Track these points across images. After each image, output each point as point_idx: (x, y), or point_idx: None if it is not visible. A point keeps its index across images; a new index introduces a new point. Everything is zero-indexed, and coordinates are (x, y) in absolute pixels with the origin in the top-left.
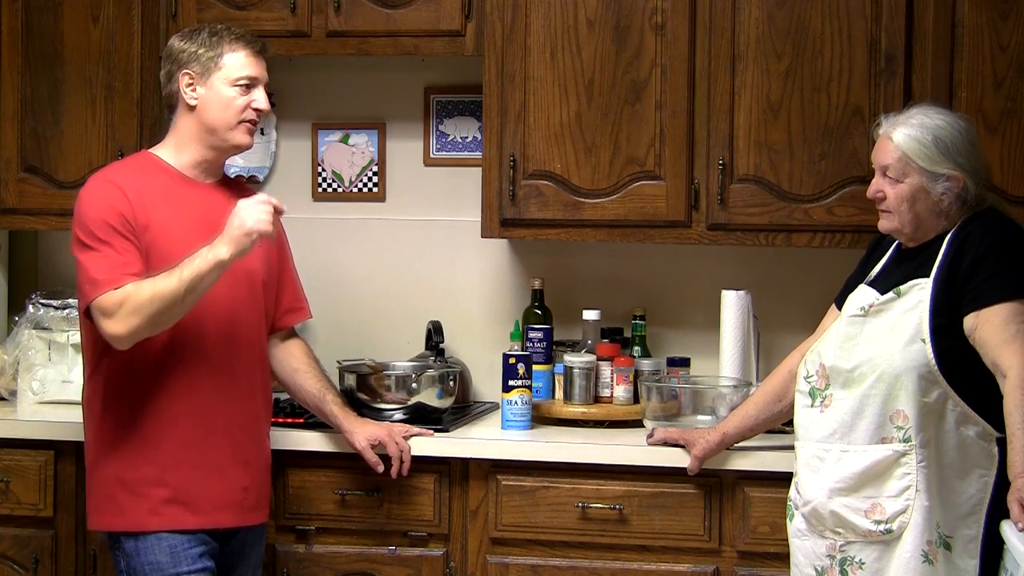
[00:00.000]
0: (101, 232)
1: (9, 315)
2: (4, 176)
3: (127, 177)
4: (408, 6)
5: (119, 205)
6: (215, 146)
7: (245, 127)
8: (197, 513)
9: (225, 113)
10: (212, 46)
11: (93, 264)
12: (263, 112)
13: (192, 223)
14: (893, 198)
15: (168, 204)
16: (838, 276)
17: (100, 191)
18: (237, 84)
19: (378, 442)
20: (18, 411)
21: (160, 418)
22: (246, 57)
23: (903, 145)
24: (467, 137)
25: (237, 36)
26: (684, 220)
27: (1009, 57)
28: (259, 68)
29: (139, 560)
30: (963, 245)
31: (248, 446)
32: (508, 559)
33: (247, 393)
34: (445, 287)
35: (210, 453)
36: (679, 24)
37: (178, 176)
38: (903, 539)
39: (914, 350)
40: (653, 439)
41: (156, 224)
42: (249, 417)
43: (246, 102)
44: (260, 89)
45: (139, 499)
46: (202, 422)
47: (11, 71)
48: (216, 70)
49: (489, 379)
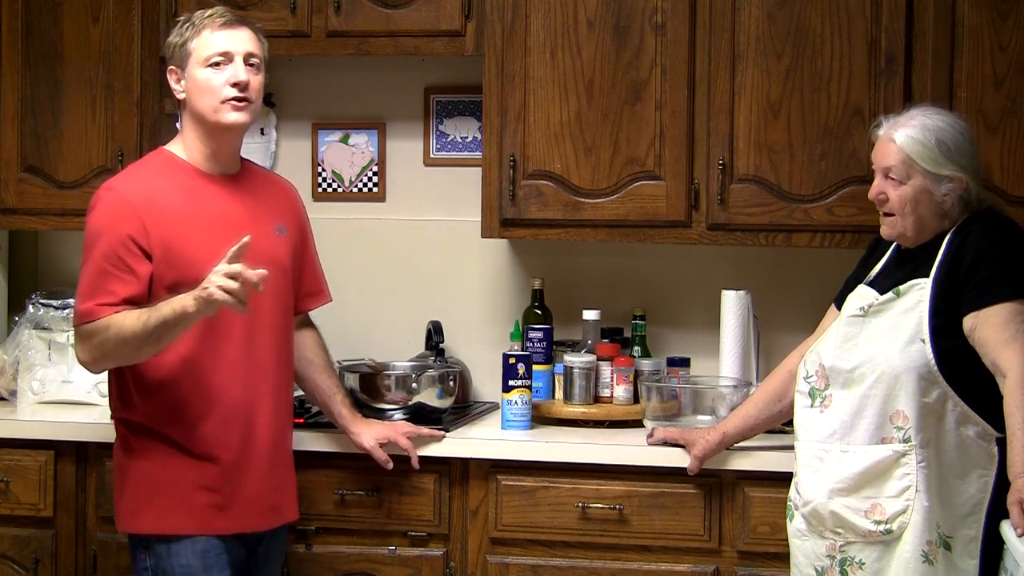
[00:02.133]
0: (99, 252)
1: (9, 315)
2: (4, 176)
3: (141, 183)
4: (408, 6)
5: (126, 226)
6: (211, 133)
7: (229, 105)
8: (232, 517)
9: (206, 97)
10: (183, 33)
11: (82, 286)
12: (242, 83)
13: (210, 221)
14: (896, 200)
15: (185, 203)
16: (838, 276)
17: (110, 208)
18: (209, 64)
19: (386, 440)
20: (18, 411)
21: (195, 419)
22: (211, 34)
23: (906, 147)
24: (467, 137)
25: (205, 16)
26: (684, 220)
27: (1009, 57)
28: (230, 42)
29: (170, 562)
30: (962, 245)
31: (280, 444)
32: (508, 559)
33: (280, 389)
34: (445, 287)
35: (247, 454)
36: (679, 24)
37: (194, 172)
38: (903, 539)
39: (914, 350)
40: (653, 439)
41: (173, 228)
42: (280, 414)
43: (223, 80)
44: (237, 62)
45: (175, 502)
46: (238, 422)
47: (11, 71)
48: (188, 57)
49: (489, 379)
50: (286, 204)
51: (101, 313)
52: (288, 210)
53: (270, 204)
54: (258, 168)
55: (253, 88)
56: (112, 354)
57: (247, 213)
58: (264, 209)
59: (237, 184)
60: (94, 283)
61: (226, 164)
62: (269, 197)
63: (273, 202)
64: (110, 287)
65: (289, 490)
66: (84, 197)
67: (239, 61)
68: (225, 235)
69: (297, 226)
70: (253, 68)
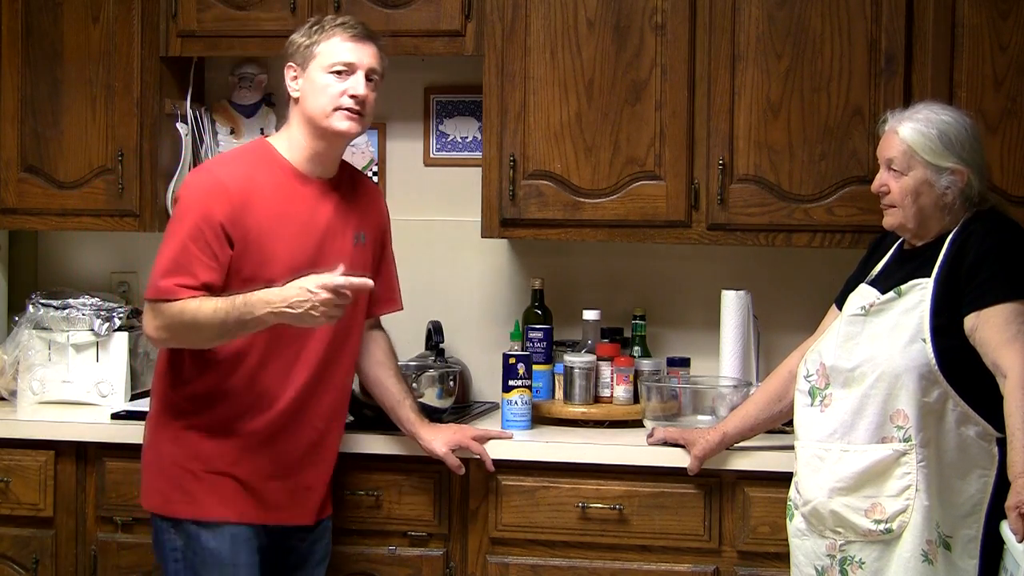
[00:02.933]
0: (189, 231)
1: (9, 315)
2: (4, 176)
3: (239, 171)
4: (408, 6)
5: (217, 209)
6: (318, 136)
7: (342, 114)
8: (263, 508)
9: (319, 100)
10: (311, 35)
11: (164, 260)
12: (359, 98)
13: (295, 223)
14: (897, 191)
15: (276, 200)
16: (838, 276)
17: (205, 187)
18: (332, 71)
19: (457, 447)
20: (18, 411)
21: (242, 407)
22: (341, 43)
23: (908, 138)
24: (467, 137)
25: (336, 23)
26: (684, 220)
27: (1009, 57)
28: (356, 54)
29: (200, 544)
30: (964, 245)
31: (323, 444)
32: (508, 559)
33: (333, 388)
34: (445, 287)
35: (285, 448)
36: (679, 24)
37: (290, 171)
38: (903, 539)
39: (915, 350)
40: (653, 439)
41: (260, 223)
42: (330, 413)
43: (341, 89)
44: (358, 75)
45: (209, 487)
46: (284, 416)
47: (11, 71)
48: (312, 59)
49: (489, 379)
50: (371, 211)
51: (180, 295)
52: (371, 217)
53: (355, 211)
54: (353, 172)
55: (369, 103)
56: (180, 337)
57: (332, 220)
58: (348, 217)
59: (329, 189)
60: (177, 260)
61: (325, 168)
62: (356, 204)
63: (359, 209)
64: (192, 268)
65: (324, 491)
66: (84, 197)
67: (360, 75)
68: (307, 239)
69: (378, 234)
70: (372, 84)
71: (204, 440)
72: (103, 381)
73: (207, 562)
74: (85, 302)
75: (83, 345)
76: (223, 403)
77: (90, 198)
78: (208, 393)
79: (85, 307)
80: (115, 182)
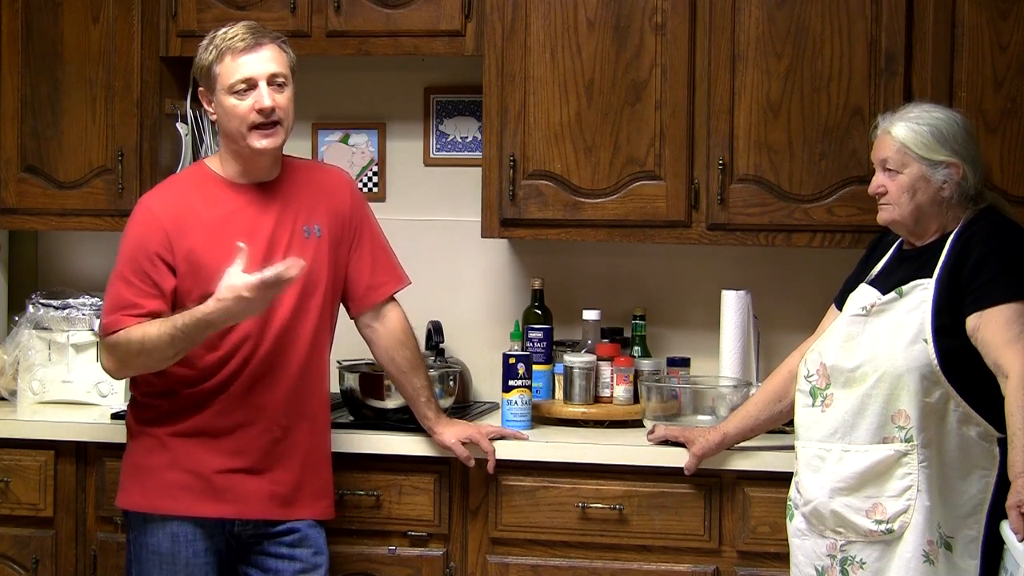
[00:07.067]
0: (127, 266)
1: (9, 315)
2: (4, 176)
3: (172, 197)
4: (408, 6)
5: (152, 241)
6: (244, 154)
7: (257, 133)
8: (215, 500)
9: (232, 123)
10: (207, 57)
11: (109, 299)
12: (266, 109)
13: (236, 232)
14: (894, 190)
15: (213, 217)
16: (838, 276)
17: (137, 220)
18: (234, 92)
19: (468, 440)
20: (18, 411)
21: (205, 402)
22: (232, 61)
23: (900, 136)
24: (467, 137)
25: (226, 40)
26: (684, 220)
27: (1009, 57)
28: (251, 67)
29: (143, 540)
30: (966, 246)
31: (287, 441)
32: (508, 559)
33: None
34: (445, 287)
35: (237, 444)
36: (679, 24)
37: (225, 184)
38: (904, 539)
39: (916, 350)
40: (654, 436)
41: (199, 242)
42: (288, 407)
43: (247, 107)
44: (260, 87)
45: (153, 480)
46: (232, 411)
47: (11, 71)
48: (215, 81)
49: (489, 379)
50: (324, 202)
51: (124, 323)
52: (325, 207)
53: (304, 206)
54: (301, 165)
55: (281, 107)
56: (135, 365)
57: (279, 220)
58: (297, 213)
59: (269, 191)
60: (121, 297)
61: (261, 174)
62: (304, 197)
63: (308, 203)
64: (135, 301)
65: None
66: (84, 197)
67: (263, 86)
68: (254, 246)
69: (339, 221)
70: (278, 87)
71: (150, 436)
72: (103, 381)
73: (150, 558)
74: (85, 302)
75: (83, 345)
76: (169, 401)
77: (90, 198)
78: (158, 394)
79: (85, 307)
80: (115, 182)
